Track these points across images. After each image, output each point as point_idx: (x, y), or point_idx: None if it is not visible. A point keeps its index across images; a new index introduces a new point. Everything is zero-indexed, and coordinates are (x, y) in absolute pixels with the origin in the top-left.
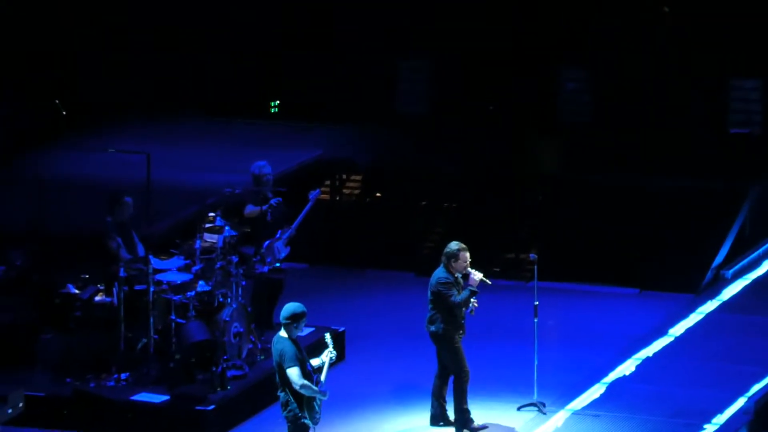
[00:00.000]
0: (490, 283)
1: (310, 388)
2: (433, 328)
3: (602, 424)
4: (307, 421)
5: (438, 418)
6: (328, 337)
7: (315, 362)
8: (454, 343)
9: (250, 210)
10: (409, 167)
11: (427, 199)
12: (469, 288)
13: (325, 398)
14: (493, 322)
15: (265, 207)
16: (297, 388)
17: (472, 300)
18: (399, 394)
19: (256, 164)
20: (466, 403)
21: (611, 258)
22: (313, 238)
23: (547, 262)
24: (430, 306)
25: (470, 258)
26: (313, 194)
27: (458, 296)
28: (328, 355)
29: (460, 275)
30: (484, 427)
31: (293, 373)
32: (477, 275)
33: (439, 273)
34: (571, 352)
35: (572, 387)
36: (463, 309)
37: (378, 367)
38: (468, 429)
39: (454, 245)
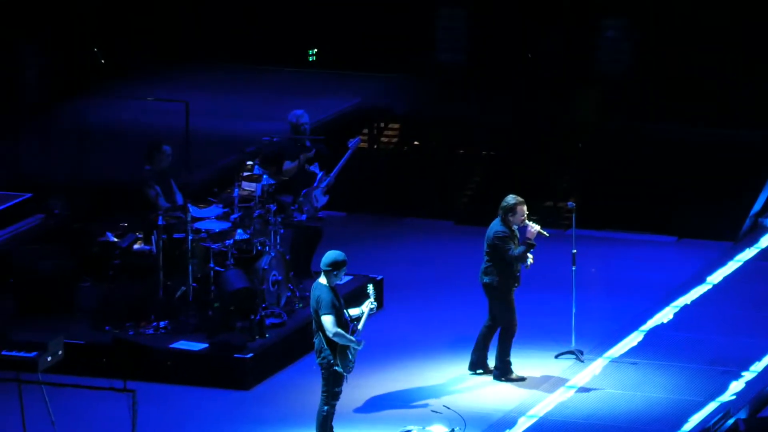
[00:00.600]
0: (547, 235)
1: (343, 336)
2: (487, 279)
3: (640, 372)
4: (340, 369)
5: (477, 365)
6: (370, 288)
7: (354, 312)
8: (508, 295)
9: (288, 167)
10: (446, 116)
11: (465, 148)
12: (527, 241)
13: (359, 347)
14: (531, 271)
15: (302, 158)
16: (330, 335)
17: (529, 255)
18: (437, 342)
19: (293, 113)
20: (509, 355)
21: (649, 206)
22: (352, 187)
23: (586, 210)
24: (486, 258)
25: (527, 210)
26: (352, 142)
27: (515, 250)
28: (368, 306)
29: (516, 227)
30: (522, 379)
31: (327, 320)
32: (534, 227)
33: (496, 226)
34: (609, 300)
35: (610, 335)
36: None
37: (416, 316)
38: (507, 379)
39: (511, 199)
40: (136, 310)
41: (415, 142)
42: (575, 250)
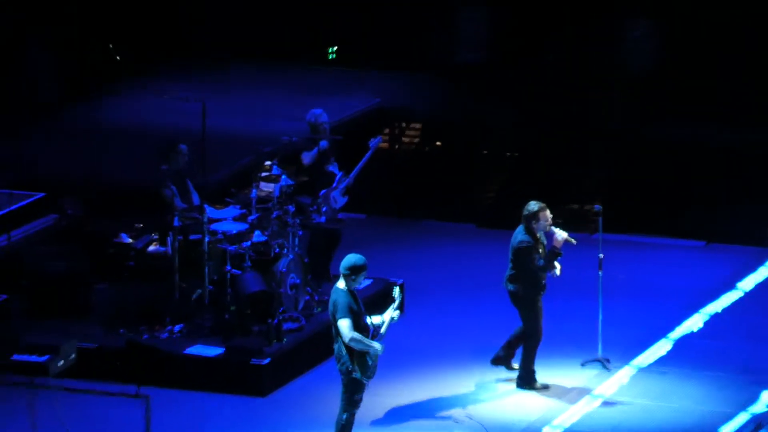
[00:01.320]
0: (575, 242)
1: (360, 341)
2: (512, 288)
3: (668, 381)
4: (358, 376)
5: (501, 360)
6: (396, 291)
7: (376, 320)
8: (534, 303)
9: (307, 155)
10: (469, 116)
11: (488, 149)
12: (553, 250)
13: (380, 353)
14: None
15: (323, 145)
16: (346, 340)
17: (557, 264)
18: (458, 348)
19: (312, 112)
20: (533, 363)
21: (677, 209)
22: (372, 188)
23: (612, 213)
24: (510, 265)
25: (551, 215)
26: (373, 142)
27: (540, 260)
28: (390, 314)
29: (542, 233)
30: (546, 387)
31: (344, 325)
32: (561, 235)
33: (520, 235)
34: (636, 306)
35: (637, 343)
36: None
37: (437, 322)
38: (531, 387)
39: (533, 205)
40: (151, 313)
41: (437, 143)
42: (602, 255)
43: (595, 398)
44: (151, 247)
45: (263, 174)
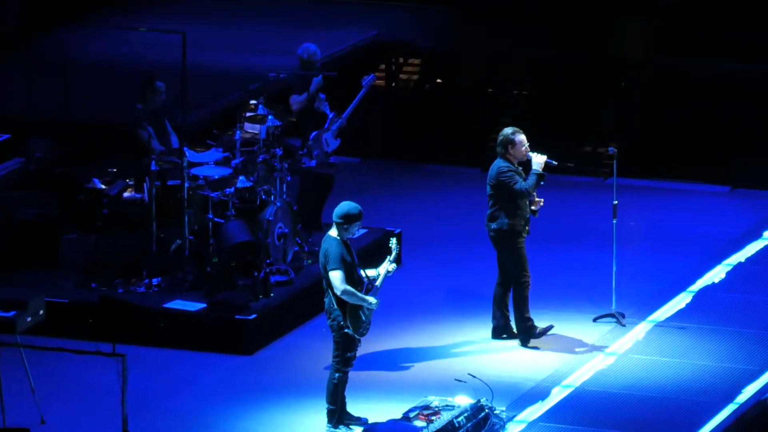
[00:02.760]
0: (555, 163)
1: (353, 294)
2: (494, 225)
3: (688, 337)
4: (351, 332)
5: (501, 330)
6: (393, 242)
7: (371, 273)
8: (518, 242)
9: (296, 101)
10: (474, 50)
11: (494, 86)
12: (535, 172)
13: (374, 307)
14: (565, 224)
15: (312, 89)
16: (338, 293)
17: (537, 199)
18: (460, 304)
19: (304, 47)
20: (528, 311)
21: (700, 152)
22: (367, 129)
23: (628, 156)
24: (490, 202)
25: (527, 142)
26: (366, 80)
27: (523, 183)
28: (386, 266)
29: (520, 167)
30: (550, 327)
31: (335, 276)
32: (539, 158)
33: (498, 163)
34: (653, 257)
35: (655, 296)
36: (528, 204)
37: (438, 273)
38: (534, 336)
39: (507, 130)
40: (126, 266)
41: (438, 80)
42: (616, 201)
43: (608, 356)
44: (126, 194)
45: (248, 114)
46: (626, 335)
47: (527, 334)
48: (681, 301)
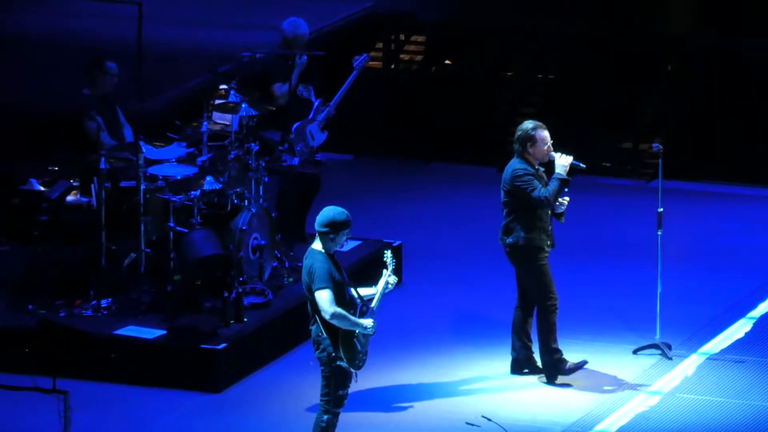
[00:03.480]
0: (583, 167)
1: (345, 318)
2: (510, 240)
3: (748, 372)
4: (344, 364)
5: (522, 363)
6: (388, 255)
7: (365, 293)
8: (539, 259)
9: (281, 91)
10: (489, 25)
11: (514, 69)
12: (558, 177)
13: (370, 333)
14: (600, 235)
15: (296, 74)
16: (327, 317)
17: (560, 199)
18: (471, 330)
19: (289, 21)
20: (555, 341)
21: (761, 149)
22: (361, 121)
23: (676, 154)
24: (505, 212)
25: (551, 139)
26: (359, 61)
27: (543, 190)
28: (384, 281)
29: (542, 168)
30: (583, 363)
31: (323, 297)
32: (564, 159)
33: (514, 164)
34: (705, 276)
35: (707, 323)
36: (551, 210)
37: (444, 294)
38: (562, 373)
39: (527, 124)
40: (70, 284)
41: (447, 61)
42: (661, 209)
43: (651, 395)
44: (70, 197)
45: (217, 102)
46: (673, 370)
47: (554, 369)
48: (739, 329)
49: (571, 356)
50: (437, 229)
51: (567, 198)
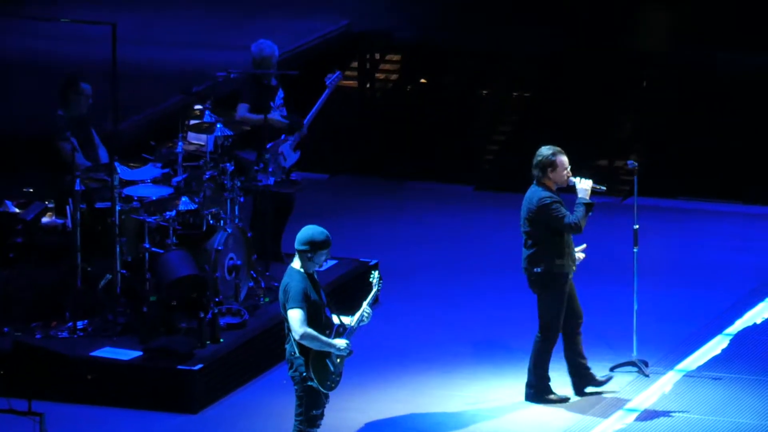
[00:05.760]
0: (604, 189)
1: (316, 338)
2: (539, 270)
3: (724, 389)
4: (315, 384)
5: (583, 383)
6: (375, 277)
7: (346, 320)
8: (564, 285)
9: (241, 113)
10: (465, 44)
11: (490, 87)
12: (581, 201)
13: (344, 353)
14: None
15: (276, 109)
16: (296, 337)
17: (590, 184)
18: (450, 350)
19: (259, 43)
20: (547, 368)
21: (737, 167)
22: (335, 140)
23: (651, 171)
24: (528, 241)
25: (569, 163)
26: (331, 78)
27: (572, 216)
28: (366, 304)
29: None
30: (565, 399)
31: (294, 316)
32: (585, 183)
33: (536, 193)
34: (682, 292)
35: (684, 340)
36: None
37: (422, 314)
38: (545, 400)
39: (546, 150)
40: (46, 305)
41: (422, 80)
42: (637, 226)
43: (628, 413)
44: (45, 219)
45: (192, 122)
46: (650, 387)
47: (539, 391)
48: (716, 346)
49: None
50: (413, 247)
51: (583, 255)
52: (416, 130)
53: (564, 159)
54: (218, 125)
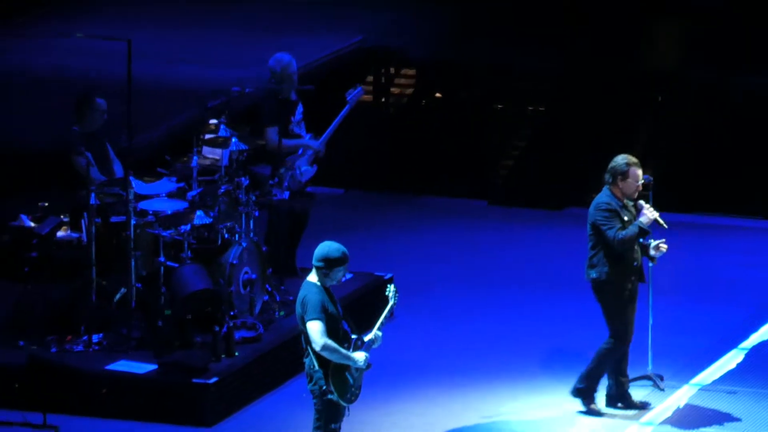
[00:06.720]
0: (665, 226)
1: (336, 350)
2: (594, 274)
3: (740, 403)
4: (335, 398)
5: (614, 398)
6: (391, 290)
7: (368, 337)
8: (621, 295)
9: (273, 138)
10: (479, 60)
11: (504, 102)
12: (639, 224)
13: (363, 366)
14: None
15: (296, 125)
16: (317, 348)
17: (661, 245)
18: (463, 363)
19: (276, 58)
20: (603, 374)
21: (751, 181)
22: (351, 155)
23: (666, 186)
24: (589, 245)
25: (641, 177)
26: (352, 94)
27: (621, 232)
28: (383, 317)
29: (630, 203)
30: (602, 414)
31: (314, 328)
32: (651, 213)
33: (601, 197)
34: (697, 307)
35: (699, 354)
36: (641, 248)
37: (437, 329)
38: (586, 404)
39: (621, 159)
40: (61, 320)
41: (437, 95)
42: (653, 240)
43: (643, 426)
44: (60, 233)
45: (207, 136)
46: (665, 402)
47: (586, 393)
48: (731, 360)
49: (559, 388)
50: (428, 262)
51: (665, 246)
52: (430, 144)
53: (638, 172)
54: (233, 139)
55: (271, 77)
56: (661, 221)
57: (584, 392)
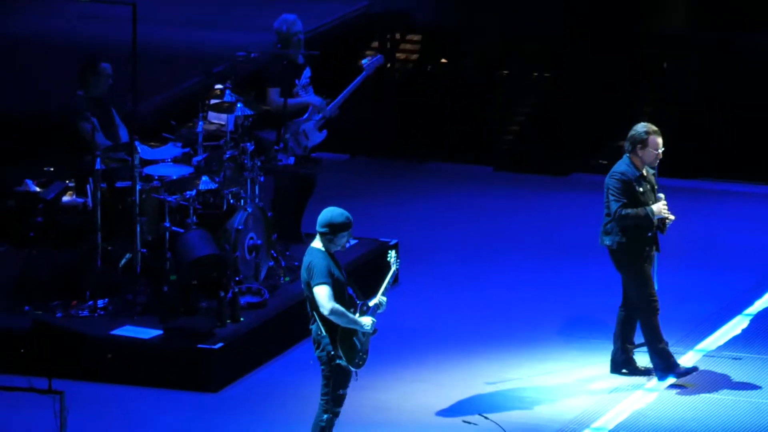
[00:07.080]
0: (672, 218)
1: (344, 315)
2: (608, 241)
3: (744, 369)
4: (343, 363)
5: (619, 364)
6: (392, 257)
7: (372, 302)
8: (636, 263)
9: (276, 100)
10: (484, 24)
11: (510, 68)
12: (648, 211)
13: (370, 332)
14: (595, 233)
15: (302, 88)
16: (325, 313)
17: (668, 216)
18: (470, 331)
19: (282, 19)
20: (661, 341)
21: (757, 146)
22: (356, 120)
23: (672, 152)
24: (605, 212)
25: (661, 145)
26: (371, 61)
27: (626, 210)
28: (386, 281)
29: (651, 170)
30: (694, 369)
31: (321, 292)
32: (663, 210)
33: (618, 166)
34: (701, 274)
35: (704, 321)
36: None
37: (444, 294)
38: (675, 374)
39: (640, 127)
40: (66, 285)
41: (442, 60)
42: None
43: (648, 392)
44: (66, 198)
45: (212, 102)
46: None
47: (666, 367)
48: (736, 326)
49: (564, 354)
50: (433, 227)
51: (672, 216)
52: (436, 110)
53: (659, 141)
54: (239, 105)
55: (277, 41)
56: (668, 214)
57: (663, 365)
